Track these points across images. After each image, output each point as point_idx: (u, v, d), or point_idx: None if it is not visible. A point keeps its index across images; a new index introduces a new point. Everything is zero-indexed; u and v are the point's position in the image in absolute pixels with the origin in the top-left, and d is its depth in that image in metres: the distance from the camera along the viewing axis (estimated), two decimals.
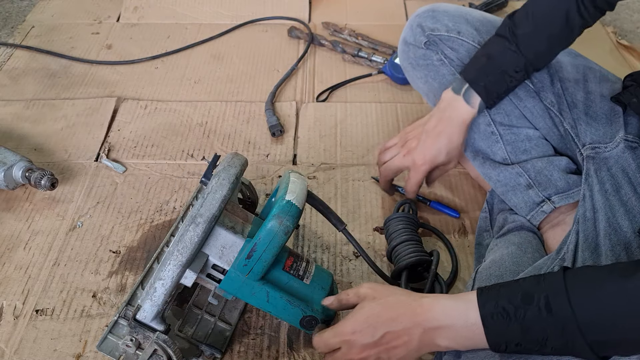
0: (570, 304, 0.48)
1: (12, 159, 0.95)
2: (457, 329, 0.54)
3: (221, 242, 0.68)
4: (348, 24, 1.46)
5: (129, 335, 0.64)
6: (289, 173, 0.73)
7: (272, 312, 0.70)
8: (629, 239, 0.65)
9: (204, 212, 0.63)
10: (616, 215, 0.66)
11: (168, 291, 0.63)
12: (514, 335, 0.51)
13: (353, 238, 0.76)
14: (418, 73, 0.97)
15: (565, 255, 0.66)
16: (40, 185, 0.93)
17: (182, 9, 1.52)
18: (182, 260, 0.62)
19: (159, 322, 0.65)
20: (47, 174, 0.94)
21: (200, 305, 0.78)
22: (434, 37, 0.91)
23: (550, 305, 0.49)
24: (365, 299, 0.63)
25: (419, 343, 0.57)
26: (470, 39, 0.89)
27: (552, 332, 0.49)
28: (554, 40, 0.79)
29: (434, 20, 0.92)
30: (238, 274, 0.66)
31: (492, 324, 0.52)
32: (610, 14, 1.54)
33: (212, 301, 0.71)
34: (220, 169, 0.67)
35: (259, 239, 0.64)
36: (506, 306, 0.51)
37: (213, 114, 1.18)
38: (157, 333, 0.64)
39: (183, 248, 0.62)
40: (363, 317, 0.60)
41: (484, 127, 0.89)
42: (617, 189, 0.69)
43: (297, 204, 0.66)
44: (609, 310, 0.48)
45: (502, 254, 0.78)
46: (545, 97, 0.85)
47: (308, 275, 0.71)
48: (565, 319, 0.48)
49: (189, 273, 0.65)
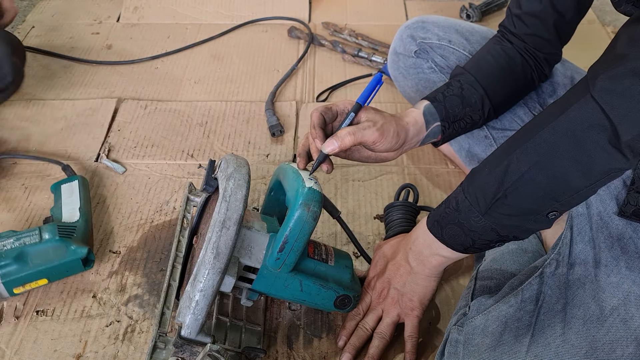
0: (465, 194, 0.65)
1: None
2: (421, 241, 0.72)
3: (247, 242, 0.68)
4: (348, 24, 1.46)
5: (173, 356, 0.63)
6: (287, 165, 0.73)
7: (306, 301, 0.71)
8: (622, 231, 0.66)
9: (231, 215, 0.62)
10: (607, 208, 0.67)
11: (210, 301, 0.62)
12: (450, 231, 0.67)
13: (347, 226, 0.77)
14: (409, 82, 0.99)
15: (560, 250, 0.67)
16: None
17: (182, 9, 1.52)
18: (221, 266, 0.62)
19: (204, 334, 0.64)
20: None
21: (224, 314, 0.78)
22: (425, 45, 0.94)
23: (458, 204, 0.65)
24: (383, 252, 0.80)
25: (411, 264, 0.74)
26: (461, 47, 0.93)
27: (464, 220, 0.65)
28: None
29: (425, 30, 0.95)
30: (270, 269, 0.67)
31: (432, 228, 0.70)
32: (609, 15, 1.54)
33: (247, 303, 0.71)
34: (232, 171, 0.66)
35: (289, 230, 0.64)
36: (437, 218, 0.69)
37: (213, 114, 1.18)
38: (209, 345, 0.63)
39: (219, 255, 0.62)
40: (375, 260, 0.80)
41: (477, 131, 0.91)
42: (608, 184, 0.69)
43: (318, 189, 0.66)
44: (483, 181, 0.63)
45: (502, 253, 0.78)
46: (533, 107, 0.89)
47: (330, 257, 0.73)
48: (464, 204, 0.65)
49: (227, 279, 0.64)
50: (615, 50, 0.57)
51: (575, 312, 0.62)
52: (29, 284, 0.81)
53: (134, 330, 0.79)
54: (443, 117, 0.79)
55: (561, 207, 0.60)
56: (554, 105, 0.60)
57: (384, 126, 0.72)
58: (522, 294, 0.66)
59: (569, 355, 0.59)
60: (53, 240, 0.82)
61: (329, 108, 0.74)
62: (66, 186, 0.95)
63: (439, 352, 0.69)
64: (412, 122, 0.77)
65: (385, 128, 0.72)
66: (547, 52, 0.84)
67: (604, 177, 0.57)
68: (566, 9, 0.79)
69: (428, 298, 0.76)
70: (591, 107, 0.55)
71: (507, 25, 0.85)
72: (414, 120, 0.77)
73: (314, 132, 0.71)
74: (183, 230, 0.81)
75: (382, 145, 0.72)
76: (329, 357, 0.77)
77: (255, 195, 1.00)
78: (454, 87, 0.81)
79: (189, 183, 0.87)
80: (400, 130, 0.74)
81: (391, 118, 0.74)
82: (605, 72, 0.55)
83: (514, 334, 0.63)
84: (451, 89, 0.80)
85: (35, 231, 0.83)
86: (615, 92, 0.54)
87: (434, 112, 0.79)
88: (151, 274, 0.87)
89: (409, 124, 0.76)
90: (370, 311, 0.76)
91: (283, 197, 0.74)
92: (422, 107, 0.78)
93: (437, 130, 0.80)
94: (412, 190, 0.93)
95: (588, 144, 0.55)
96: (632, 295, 0.61)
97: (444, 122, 0.79)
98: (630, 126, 0.53)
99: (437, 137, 0.81)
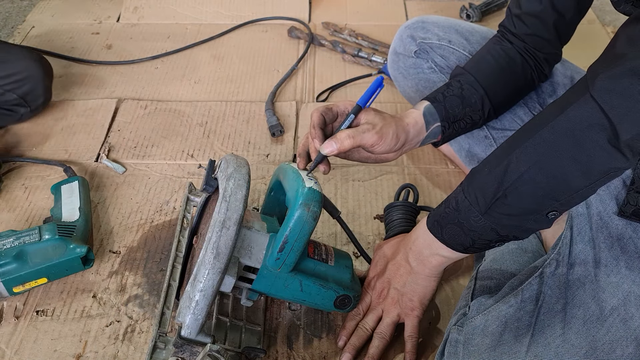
0: (464, 194, 0.65)
1: None
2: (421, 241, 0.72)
3: (247, 242, 0.68)
4: (348, 24, 1.46)
5: (173, 356, 0.63)
6: (286, 165, 0.73)
7: (305, 301, 0.71)
8: (621, 231, 0.66)
9: (231, 215, 0.62)
10: (607, 208, 0.67)
11: (210, 301, 0.62)
12: (450, 231, 0.67)
13: (347, 226, 0.77)
14: (409, 82, 0.99)
15: (560, 250, 0.67)
16: None
17: (182, 9, 1.52)
18: (221, 266, 0.62)
19: (204, 334, 0.64)
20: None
21: (224, 314, 0.78)
22: (425, 45, 0.94)
23: (458, 204, 0.65)
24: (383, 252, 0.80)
25: (411, 264, 0.73)
26: (461, 48, 0.93)
27: (464, 221, 0.65)
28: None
29: (425, 30, 0.95)
30: (270, 269, 0.67)
31: (432, 228, 0.70)
32: (610, 15, 1.54)
33: (247, 303, 0.71)
34: (232, 171, 0.66)
35: (289, 230, 0.64)
36: (437, 218, 0.69)
37: (213, 114, 1.18)
38: (209, 345, 0.63)
39: (219, 255, 0.62)
40: (375, 260, 0.79)
41: (477, 131, 0.91)
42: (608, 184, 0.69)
43: (318, 189, 0.66)
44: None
45: (502, 253, 0.78)
46: (533, 107, 0.89)
47: (330, 257, 0.73)
48: (463, 204, 0.65)
49: (227, 279, 0.64)
50: (615, 50, 0.57)
51: (575, 312, 0.62)
52: (29, 282, 0.81)
53: (134, 330, 0.79)
54: (443, 118, 0.79)
55: (561, 207, 0.60)
56: (554, 105, 0.60)
57: (383, 129, 0.72)
58: (522, 294, 0.66)
59: (569, 355, 0.59)
60: (53, 239, 0.82)
61: (329, 108, 0.74)
62: (66, 187, 0.95)
63: (439, 352, 0.69)
64: (412, 123, 0.77)
65: (385, 131, 0.72)
66: (547, 52, 0.84)
67: (604, 176, 0.57)
68: (566, 9, 0.79)
69: (428, 298, 0.76)
70: (590, 107, 0.55)
71: (507, 25, 0.85)
72: (414, 121, 0.77)
73: (313, 132, 0.71)
74: (183, 230, 0.81)
75: (381, 148, 0.72)
76: (329, 357, 0.77)
77: (255, 195, 1.00)
78: (453, 87, 0.81)
79: (189, 183, 0.87)
80: (399, 132, 0.74)
81: (391, 120, 0.74)
82: (605, 72, 0.55)
83: (514, 334, 0.63)
84: (451, 89, 0.80)
85: (34, 230, 0.83)
86: (615, 91, 0.54)
87: (434, 112, 0.79)
88: (151, 274, 0.87)
89: (409, 125, 0.76)
90: (370, 311, 0.76)
91: (283, 197, 0.74)
92: (422, 108, 0.78)
93: (437, 130, 0.80)
94: (412, 191, 0.93)
95: (587, 144, 0.55)
96: (632, 295, 0.61)
97: (444, 123, 0.79)
98: (629, 125, 0.53)
99: (437, 138, 0.81)
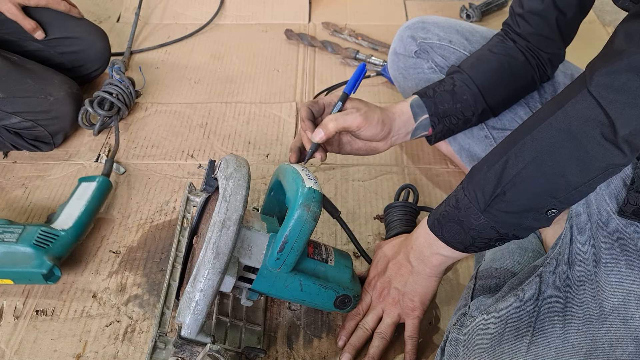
0: (464, 192, 0.64)
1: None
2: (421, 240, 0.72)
3: (247, 242, 0.68)
4: (348, 24, 1.46)
5: (173, 356, 0.63)
6: (287, 165, 0.73)
7: (305, 301, 0.71)
8: (621, 231, 0.66)
9: (231, 215, 0.62)
10: (607, 208, 0.67)
11: (210, 301, 0.62)
12: (450, 229, 0.67)
13: (347, 226, 0.78)
14: (409, 83, 0.99)
15: (560, 249, 0.67)
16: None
17: (182, 9, 1.52)
18: (221, 266, 0.62)
19: (204, 334, 0.64)
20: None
21: (224, 314, 0.78)
22: (426, 45, 0.94)
23: (458, 201, 0.65)
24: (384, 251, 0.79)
25: (412, 263, 0.73)
26: (462, 48, 0.93)
27: (463, 218, 0.64)
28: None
29: (425, 30, 0.95)
30: (270, 269, 0.67)
31: (432, 227, 0.69)
32: (610, 15, 1.54)
33: (247, 303, 0.71)
34: (232, 171, 0.66)
35: (289, 230, 0.64)
36: (438, 217, 0.69)
37: (213, 114, 1.18)
38: (209, 345, 0.63)
39: (219, 255, 0.62)
40: (375, 260, 0.79)
41: (477, 131, 0.91)
42: (608, 183, 0.69)
43: (318, 189, 0.66)
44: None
45: (502, 252, 0.78)
46: (534, 107, 0.89)
47: (330, 257, 0.73)
48: (463, 203, 0.64)
49: (227, 279, 0.64)
50: (613, 46, 0.57)
51: (575, 311, 0.62)
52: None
53: (134, 330, 0.79)
54: (432, 112, 0.81)
55: (560, 204, 0.60)
56: (552, 102, 0.60)
57: (368, 113, 0.76)
58: (522, 293, 0.66)
59: (569, 354, 0.59)
60: (26, 245, 0.80)
61: (315, 102, 0.79)
62: (83, 185, 0.92)
63: (439, 351, 0.69)
64: (398, 113, 0.80)
65: (369, 115, 0.76)
66: (550, 52, 0.85)
67: (602, 173, 0.57)
68: (567, 7, 0.80)
69: (429, 298, 0.76)
70: (588, 103, 0.55)
71: (511, 24, 0.85)
72: (400, 111, 0.80)
73: (303, 125, 0.76)
74: (183, 230, 0.81)
75: (367, 131, 0.76)
76: (329, 357, 0.77)
77: (255, 195, 1.00)
78: (445, 84, 0.82)
79: (189, 183, 0.87)
80: (385, 119, 0.78)
81: (376, 107, 0.79)
82: (603, 68, 0.55)
83: (514, 333, 0.63)
84: (442, 85, 0.82)
85: (19, 229, 0.82)
86: (613, 87, 0.54)
87: (422, 104, 0.81)
88: (151, 274, 0.87)
89: (395, 114, 0.80)
90: (371, 311, 0.76)
91: (283, 197, 0.74)
92: (409, 100, 0.82)
93: (427, 123, 0.81)
94: (412, 191, 0.93)
95: (585, 140, 0.55)
96: (632, 295, 0.61)
97: (433, 117, 0.81)
98: (627, 121, 0.53)
99: (428, 131, 0.83)
